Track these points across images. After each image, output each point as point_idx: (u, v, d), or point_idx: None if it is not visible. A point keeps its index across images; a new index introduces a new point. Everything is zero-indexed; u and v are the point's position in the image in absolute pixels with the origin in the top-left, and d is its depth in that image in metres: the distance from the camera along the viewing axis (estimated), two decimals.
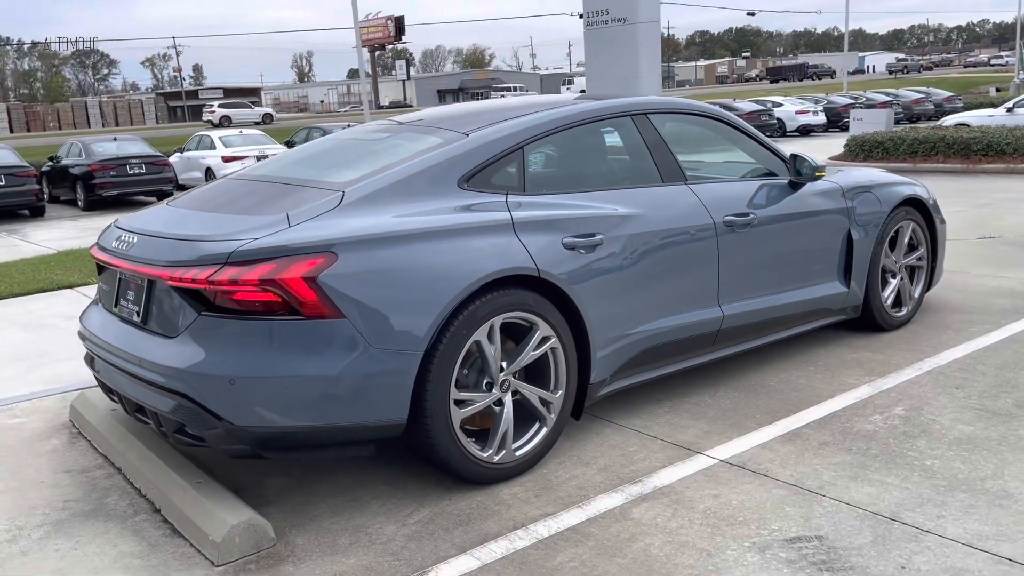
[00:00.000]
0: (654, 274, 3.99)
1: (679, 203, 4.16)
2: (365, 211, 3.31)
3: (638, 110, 4.29)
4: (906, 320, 5.48)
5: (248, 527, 3.04)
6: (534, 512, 3.27)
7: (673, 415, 4.18)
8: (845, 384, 4.51)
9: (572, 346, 3.67)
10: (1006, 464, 3.49)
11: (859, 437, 3.82)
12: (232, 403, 3.03)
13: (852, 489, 3.34)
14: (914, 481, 3.38)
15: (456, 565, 2.93)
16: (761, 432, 3.94)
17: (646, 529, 3.11)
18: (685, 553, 2.94)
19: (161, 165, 18.66)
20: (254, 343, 3.05)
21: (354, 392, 3.10)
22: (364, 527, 3.23)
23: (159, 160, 18.74)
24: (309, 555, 3.04)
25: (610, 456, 3.76)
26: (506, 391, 3.50)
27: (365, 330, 3.09)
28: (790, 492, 3.35)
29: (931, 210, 5.51)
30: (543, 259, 3.51)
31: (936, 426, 3.90)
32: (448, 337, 3.24)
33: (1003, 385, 4.36)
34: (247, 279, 3.01)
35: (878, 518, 3.11)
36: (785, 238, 4.62)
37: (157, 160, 18.65)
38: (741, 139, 4.77)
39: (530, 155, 3.86)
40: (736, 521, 3.14)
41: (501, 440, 3.48)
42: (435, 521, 3.24)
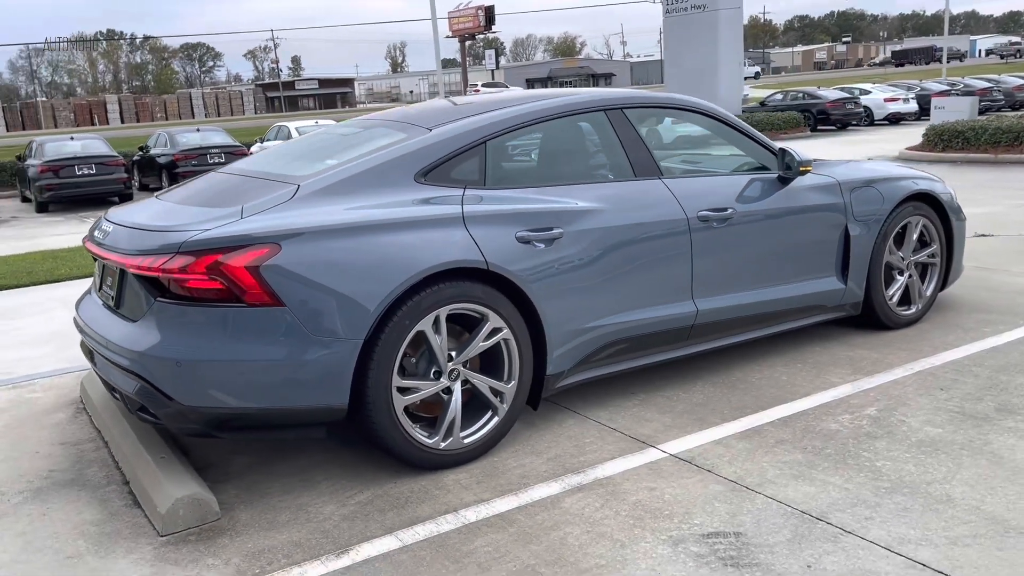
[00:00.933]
0: (618, 268, 4.02)
1: (649, 198, 4.17)
2: (317, 204, 3.46)
3: (612, 105, 4.31)
4: (915, 319, 5.33)
5: (192, 501, 3.24)
6: (469, 498, 3.38)
7: (641, 408, 4.21)
8: (827, 382, 4.45)
9: (526, 338, 3.74)
10: (960, 468, 3.41)
11: (819, 436, 3.78)
12: (179, 384, 3.23)
13: (791, 487, 3.33)
14: (857, 482, 3.34)
15: (378, 545, 3.06)
16: (722, 428, 3.94)
17: (571, 518, 3.18)
18: (599, 543, 3.00)
19: (240, 155, 19.40)
20: (201, 328, 3.24)
21: (294, 377, 3.26)
22: (307, 505, 3.39)
23: (238, 150, 19.50)
24: (248, 529, 3.22)
25: (563, 446, 3.82)
26: (455, 380, 3.61)
27: (305, 319, 3.24)
28: (727, 488, 3.36)
29: (945, 206, 5.34)
30: (493, 252, 3.59)
31: (903, 428, 3.83)
32: (390, 327, 3.36)
33: (992, 388, 4.23)
34: (195, 268, 3.20)
35: (805, 517, 3.10)
36: (770, 233, 4.57)
37: (236, 150, 19.42)
38: (730, 133, 4.73)
39: (494, 150, 3.94)
40: (662, 514, 3.18)
41: (448, 428, 3.59)
42: (374, 503, 3.38)
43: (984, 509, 3.09)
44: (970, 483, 3.28)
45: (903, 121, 28.84)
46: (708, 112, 4.65)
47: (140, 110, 70.93)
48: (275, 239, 3.26)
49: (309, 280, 3.26)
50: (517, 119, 4.03)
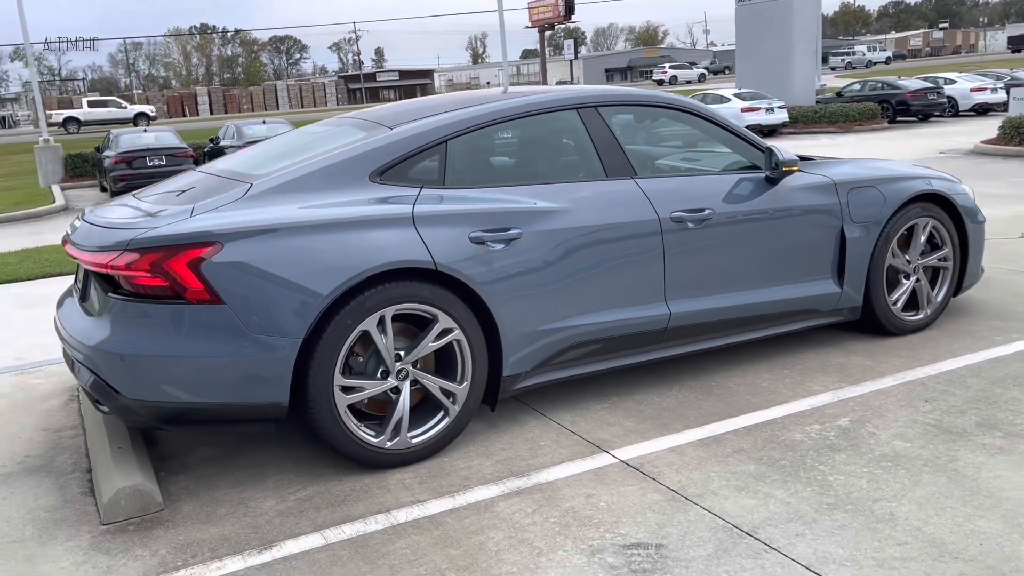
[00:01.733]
0: (583, 270, 3.96)
1: (617, 198, 4.10)
2: (266, 203, 3.51)
3: (585, 103, 4.24)
4: (923, 325, 5.11)
5: (134, 492, 3.34)
6: (406, 498, 3.39)
7: (608, 412, 4.15)
8: (809, 390, 4.30)
9: (480, 339, 3.73)
10: (916, 486, 3.26)
11: (780, 447, 3.67)
12: (125, 378, 3.33)
13: (731, 500, 3.24)
14: (801, 496, 3.23)
15: (303, 542, 3.10)
16: (683, 434, 3.85)
17: (498, 523, 3.16)
18: (517, 550, 2.97)
19: None
20: (145, 324, 3.33)
21: (234, 373, 3.32)
22: (248, 500, 3.45)
23: None
24: (185, 521, 3.30)
25: (517, 448, 3.80)
26: (403, 380, 3.62)
27: (244, 316, 3.30)
28: (665, 498, 3.28)
29: (958, 207, 5.09)
30: (442, 252, 3.58)
31: (870, 441, 3.68)
32: (331, 327, 3.39)
33: (980, 401, 4.02)
34: (139, 265, 3.28)
35: (734, 531, 3.01)
36: (755, 235, 4.44)
37: None
38: (717, 132, 4.60)
39: (456, 149, 3.93)
40: (590, 522, 3.13)
41: (395, 427, 3.60)
42: (313, 500, 3.42)
43: (925, 531, 2.94)
44: (920, 502, 3.14)
45: (992, 112, 27.49)
46: (691, 110, 4.53)
47: (228, 102, 73.11)
48: (217, 238, 3.32)
49: (250, 278, 3.32)
50: (481, 118, 4.00)
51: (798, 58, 26.52)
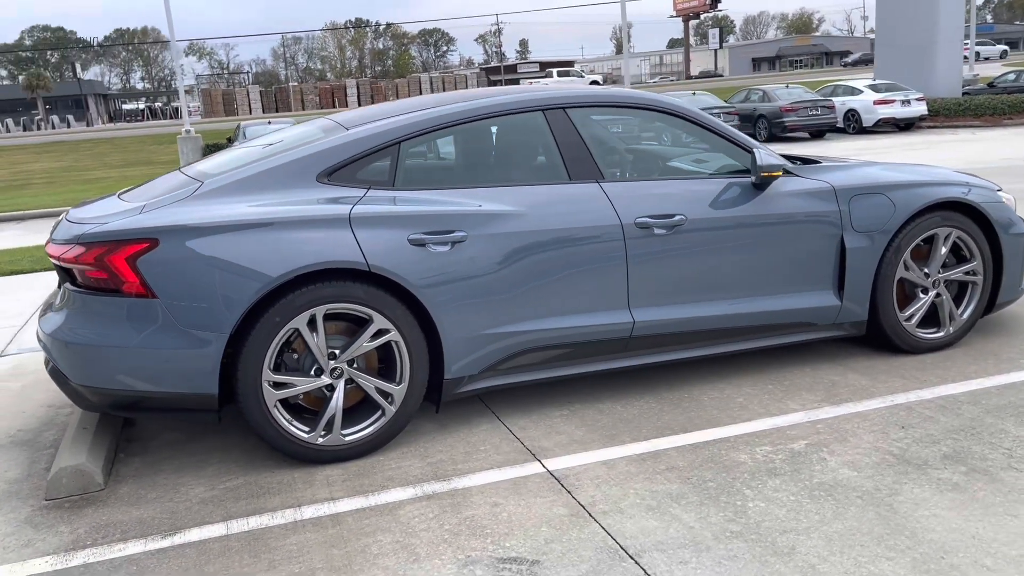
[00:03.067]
0: (535, 274, 3.90)
1: (577, 202, 4.00)
2: (210, 202, 3.65)
3: (552, 105, 4.16)
4: (944, 344, 4.73)
5: (76, 471, 3.55)
6: (322, 495, 3.45)
7: (564, 420, 4.08)
8: (784, 408, 4.08)
9: (419, 341, 3.74)
10: (837, 519, 3.04)
11: (716, 467, 3.50)
12: (70, 365, 3.56)
13: (634, 520, 3.13)
14: (709, 521, 3.08)
15: (206, 531, 3.22)
16: (626, 447, 3.74)
17: (393, 526, 3.18)
18: (395, 555, 2.98)
19: None
20: (90, 315, 3.54)
21: (166, 364, 3.48)
22: (182, 485, 3.61)
23: None
24: (116, 503, 3.49)
25: (455, 451, 3.79)
26: (338, 378, 3.68)
27: (174, 310, 3.45)
28: (569, 512, 3.21)
29: (990, 217, 4.67)
30: (377, 254, 3.61)
31: (816, 467, 3.45)
32: (260, 323, 3.50)
33: (962, 431, 3.70)
34: (85, 258, 3.49)
35: (618, 553, 2.91)
36: (736, 242, 4.23)
37: None
38: (703, 134, 4.40)
39: (409, 151, 3.94)
40: (482, 533, 3.10)
41: (328, 424, 3.67)
42: (238, 490, 3.54)
43: (819, 569, 2.75)
44: (831, 537, 2.93)
45: None
46: (671, 111, 4.36)
47: (375, 93, 75.62)
48: (154, 234, 3.48)
49: (181, 274, 3.46)
50: (437, 121, 4.00)
51: (942, 46, 24.85)
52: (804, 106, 22.44)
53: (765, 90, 23.92)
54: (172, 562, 3.01)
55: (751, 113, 23.40)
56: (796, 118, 22.34)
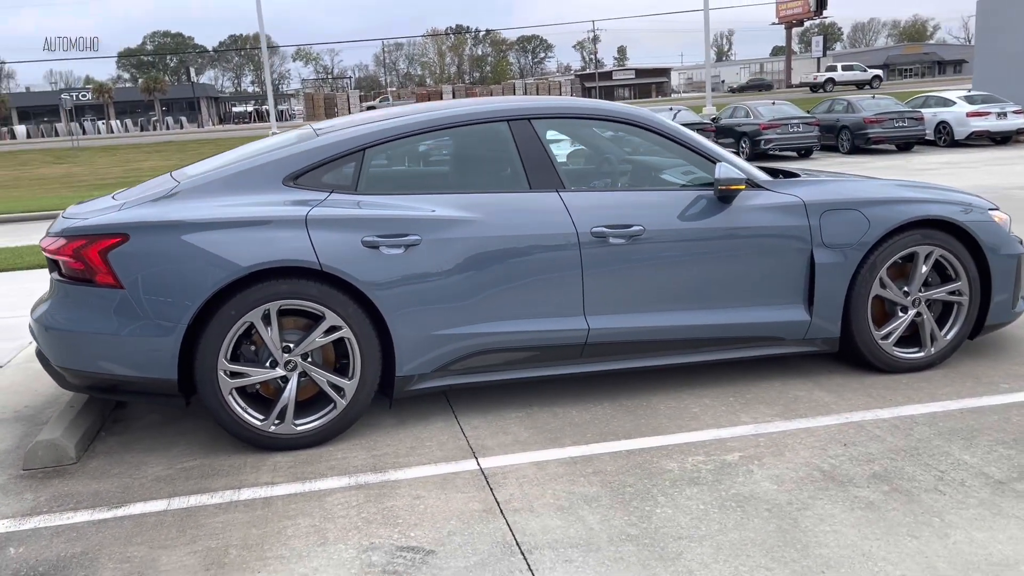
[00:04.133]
0: (489, 278, 4.03)
1: (534, 210, 4.12)
2: (181, 201, 3.92)
3: (517, 115, 4.28)
4: (926, 364, 4.63)
5: (50, 445, 3.88)
6: (264, 479, 3.68)
7: (517, 421, 4.20)
8: (736, 420, 4.10)
9: (371, 338, 3.92)
10: (736, 529, 3.08)
11: (641, 473, 3.57)
12: (51, 348, 3.89)
13: (540, 518, 3.23)
14: (611, 524, 3.16)
15: (148, 506, 3.48)
16: (564, 450, 3.84)
17: (315, 512, 3.36)
18: (307, 538, 3.17)
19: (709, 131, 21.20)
20: (69, 302, 3.86)
21: (131, 350, 3.76)
22: (144, 463, 3.90)
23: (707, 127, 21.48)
24: (81, 476, 3.79)
25: (399, 446, 3.96)
26: (292, 371, 3.90)
27: (138, 300, 3.73)
28: (483, 508, 3.34)
29: (976, 236, 4.56)
30: (329, 254, 3.82)
31: (739, 479, 3.48)
32: (216, 316, 3.75)
33: (902, 451, 3.66)
34: (65, 251, 3.81)
35: (511, 548, 3.03)
36: (697, 254, 4.27)
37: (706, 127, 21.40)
38: (671, 146, 4.45)
39: (373, 158, 4.14)
40: (394, 523, 3.26)
41: (280, 414, 3.89)
42: (192, 470, 3.80)
43: (697, 574, 2.81)
44: (722, 546, 2.97)
45: None
46: (639, 122, 4.42)
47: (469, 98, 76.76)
48: (125, 230, 3.77)
49: (146, 267, 3.74)
50: (402, 129, 4.19)
51: None
52: (890, 117, 21.74)
53: (850, 100, 23.30)
54: (108, 532, 3.28)
55: (834, 124, 22.82)
56: (880, 130, 21.66)
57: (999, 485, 3.33)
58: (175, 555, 3.08)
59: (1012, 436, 3.76)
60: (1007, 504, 3.18)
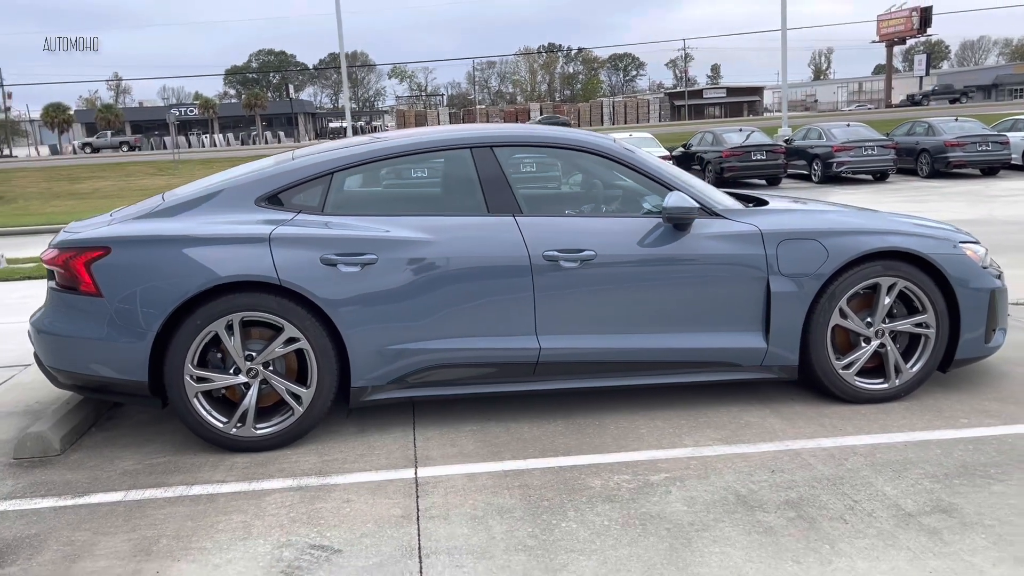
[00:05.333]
0: (442, 296, 4.24)
1: (489, 233, 4.31)
2: (162, 218, 4.28)
3: (481, 143, 4.49)
4: (890, 396, 4.62)
5: (37, 437, 4.27)
6: (217, 477, 3.97)
7: (470, 434, 4.38)
8: (678, 442, 4.20)
9: (327, 350, 4.18)
10: (629, 545, 3.21)
11: (564, 489, 3.71)
12: (43, 350, 4.29)
13: (452, 526, 3.42)
14: (513, 535, 3.32)
15: (106, 497, 3.81)
16: (499, 464, 4.01)
17: (248, 509, 3.63)
18: (234, 532, 3.43)
19: (778, 152, 21.24)
20: (58, 309, 4.25)
21: (108, 354, 4.12)
22: (118, 457, 4.25)
23: (776, 148, 21.40)
24: (60, 466, 4.16)
25: (350, 453, 4.20)
26: (253, 378, 4.19)
27: (115, 308, 4.09)
28: (403, 514, 3.54)
29: (943, 269, 4.53)
30: (288, 270, 4.10)
31: (654, 499, 3.59)
32: (183, 325, 4.07)
33: (826, 480, 3.71)
34: (57, 261, 4.21)
35: (411, 551, 3.22)
36: (650, 280, 4.38)
37: (775, 148, 21.34)
38: (631, 174, 4.59)
39: (340, 181, 4.42)
40: (314, 523, 3.49)
41: (241, 417, 4.19)
42: (158, 466, 4.12)
43: None
44: (609, 561, 3.11)
45: None
46: (598, 151, 4.57)
47: None
48: (107, 243, 4.14)
49: (123, 278, 4.09)
50: (369, 155, 4.45)
51: None
52: (972, 141, 21.03)
53: (931, 123, 22.64)
54: (64, 517, 3.61)
55: (913, 147, 22.20)
56: (962, 153, 20.97)
57: (906, 517, 3.35)
58: (112, 541, 3.39)
59: (945, 471, 3.76)
60: (905, 536, 3.21)
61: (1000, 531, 3.22)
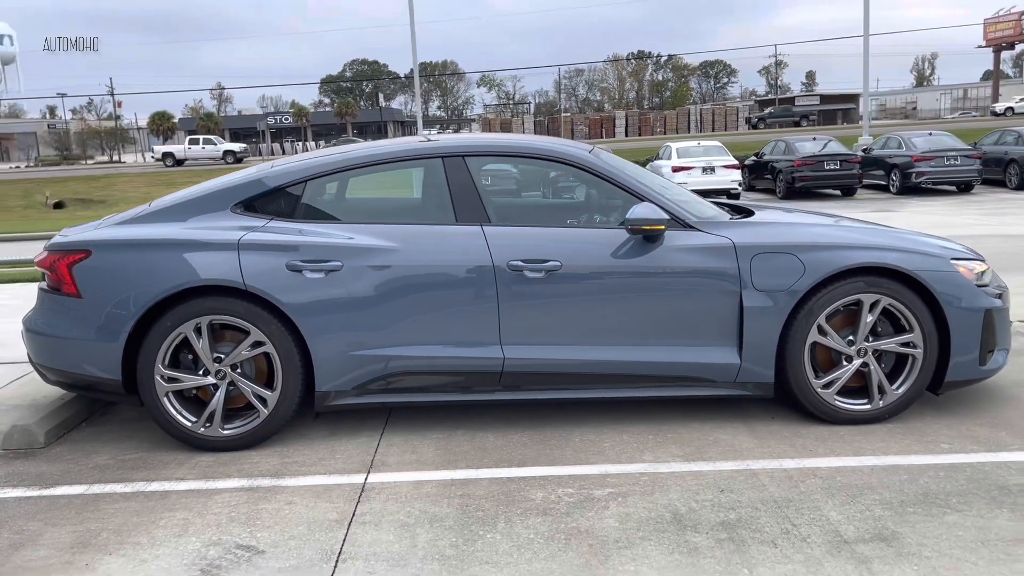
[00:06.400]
0: (406, 304, 4.28)
1: (454, 243, 4.33)
2: (144, 223, 4.45)
3: (452, 152, 4.52)
4: (872, 417, 4.44)
5: (24, 429, 4.48)
6: (179, 474, 4.10)
7: (432, 442, 4.40)
8: (636, 458, 4.13)
9: (292, 354, 4.27)
10: (548, 559, 3.18)
11: (503, 500, 3.70)
12: (30, 347, 4.51)
13: (379, 532, 3.44)
14: (435, 544, 3.33)
15: (71, 489, 3.97)
16: (450, 472, 4.01)
17: (194, 507, 3.73)
18: (170, 529, 3.54)
19: (854, 163, 20.72)
20: (45, 308, 4.46)
21: (85, 353, 4.30)
22: (94, 452, 4.43)
23: (852, 158, 20.86)
24: (40, 459, 4.36)
25: (311, 456, 4.27)
26: (221, 380, 4.31)
27: (92, 309, 4.27)
28: (338, 518, 3.58)
29: (930, 286, 4.34)
30: (254, 276, 4.20)
31: (589, 513, 3.55)
32: (155, 327, 4.22)
33: (772, 502, 3.59)
34: (45, 263, 4.42)
35: (331, 556, 3.26)
36: (617, 292, 4.33)
37: (850, 158, 20.81)
38: (602, 185, 4.54)
39: (314, 188, 4.51)
40: (250, 523, 3.57)
41: (209, 417, 4.31)
42: (128, 462, 4.28)
43: None
44: (521, 574, 3.08)
45: None
46: (570, 161, 4.54)
47: (642, 124, 76.57)
48: (88, 247, 4.33)
49: (100, 280, 4.27)
50: (343, 163, 4.53)
51: None
52: None
53: (1021, 132, 21.58)
54: (24, 507, 3.79)
55: (1001, 157, 21.21)
56: None
57: (841, 544, 3.22)
58: (58, 532, 3.54)
59: (903, 498, 3.59)
60: (831, 564, 3.08)
61: (935, 563, 3.07)
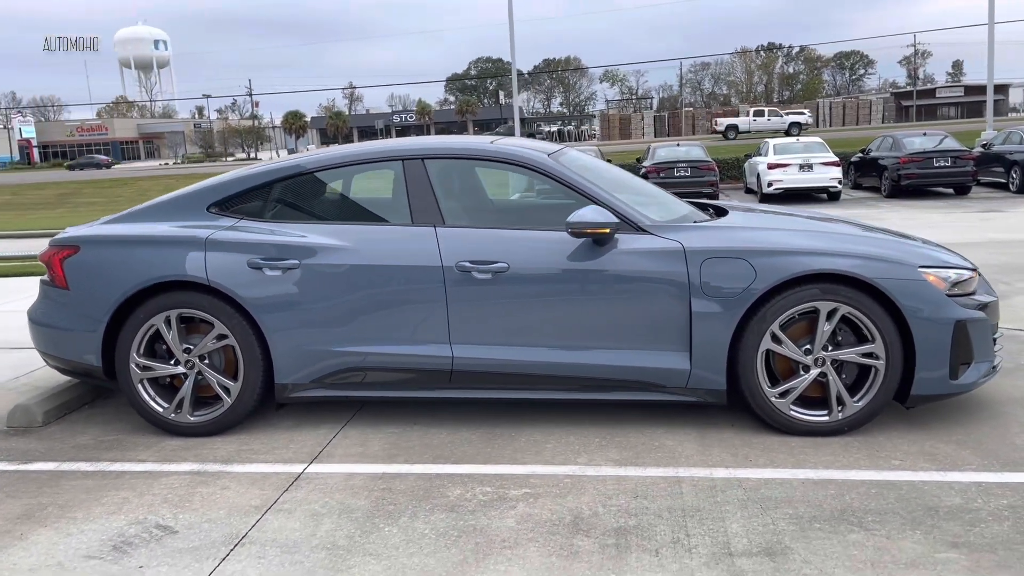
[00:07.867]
0: (358, 302, 4.43)
1: (406, 242, 4.45)
2: (126, 221, 4.79)
3: (412, 155, 4.63)
4: (832, 429, 4.28)
5: (24, 409, 4.90)
6: (143, 456, 4.39)
7: (384, 437, 4.54)
8: (568, 460, 4.14)
9: (252, 347, 4.50)
10: (431, 554, 3.27)
11: (421, 496, 3.79)
12: (32, 336, 4.92)
13: (289, 520, 3.61)
14: (336, 534, 3.46)
15: (45, 465, 4.33)
16: (385, 466, 4.14)
17: (137, 487, 3.99)
18: (106, 506, 3.81)
19: (967, 160, 19.59)
20: (43, 300, 4.86)
21: (70, 340, 4.67)
22: (80, 433, 4.78)
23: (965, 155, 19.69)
24: (33, 436, 4.76)
25: (266, 444, 4.48)
26: (190, 369, 4.59)
27: (76, 300, 4.62)
28: (259, 505, 3.77)
29: (891, 295, 4.15)
30: (218, 272, 4.45)
31: (492, 513, 3.61)
32: (130, 319, 4.54)
33: (681, 511, 3.55)
34: (46, 257, 4.82)
35: (233, 539, 3.44)
36: (563, 294, 4.34)
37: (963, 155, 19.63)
38: (560, 188, 4.55)
39: (281, 190, 4.72)
40: (180, 505, 3.80)
41: (179, 404, 4.60)
42: (105, 443, 4.61)
43: None
44: (394, 567, 3.18)
45: None
46: (527, 164, 4.57)
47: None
48: (78, 243, 4.69)
49: (84, 274, 4.62)
50: (310, 165, 4.73)
51: None
52: None
53: None
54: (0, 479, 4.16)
55: None
56: None
57: (723, 556, 3.17)
58: (13, 504, 3.87)
59: (816, 514, 3.49)
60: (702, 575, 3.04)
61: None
